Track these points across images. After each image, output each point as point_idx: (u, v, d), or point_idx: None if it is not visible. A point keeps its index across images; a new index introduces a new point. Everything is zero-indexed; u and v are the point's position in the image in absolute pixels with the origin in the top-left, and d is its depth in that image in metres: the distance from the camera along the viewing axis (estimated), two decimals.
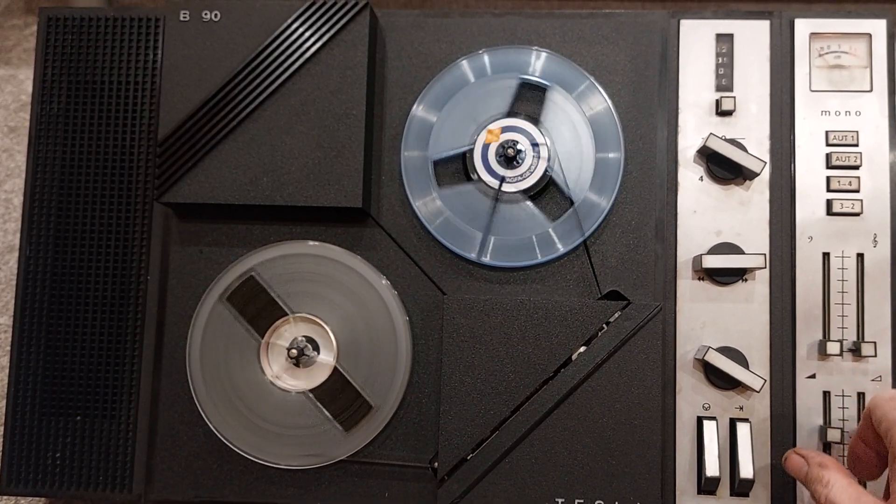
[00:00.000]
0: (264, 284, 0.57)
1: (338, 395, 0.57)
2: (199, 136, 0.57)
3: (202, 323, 0.58)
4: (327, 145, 0.57)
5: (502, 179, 0.57)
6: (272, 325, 0.58)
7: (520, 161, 0.57)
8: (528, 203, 0.58)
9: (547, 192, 0.58)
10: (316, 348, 0.58)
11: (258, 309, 0.57)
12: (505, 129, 0.58)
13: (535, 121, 0.58)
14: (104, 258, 0.60)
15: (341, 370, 0.57)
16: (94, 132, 0.61)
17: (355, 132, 0.57)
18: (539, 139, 0.58)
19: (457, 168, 0.59)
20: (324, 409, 0.57)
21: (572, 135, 0.58)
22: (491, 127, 0.58)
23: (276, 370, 0.58)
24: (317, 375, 0.58)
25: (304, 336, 0.58)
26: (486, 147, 0.58)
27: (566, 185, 0.57)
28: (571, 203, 0.57)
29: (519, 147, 0.57)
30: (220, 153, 0.57)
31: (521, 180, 0.57)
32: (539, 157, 0.57)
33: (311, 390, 0.57)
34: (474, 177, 0.58)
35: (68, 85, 0.61)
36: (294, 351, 0.57)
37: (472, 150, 0.58)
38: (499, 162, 0.57)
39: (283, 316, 0.57)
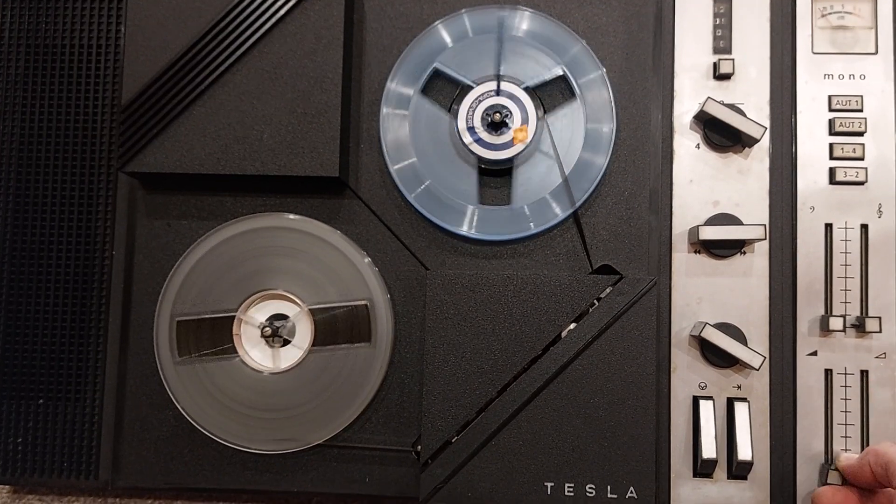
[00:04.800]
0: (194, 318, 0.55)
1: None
2: (165, 102, 0.54)
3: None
4: (302, 111, 0.54)
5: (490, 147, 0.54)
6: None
7: (509, 114, 0.54)
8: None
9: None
10: (292, 327, 0.55)
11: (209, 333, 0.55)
12: (468, 111, 0.55)
13: (469, 86, 0.55)
14: (66, 232, 0.57)
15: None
16: (55, 98, 0.57)
17: (331, 97, 0.54)
18: (490, 86, 0.55)
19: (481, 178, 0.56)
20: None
21: (561, 99, 0.55)
22: (515, 127, 0.54)
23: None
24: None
25: (278, 314, 0.55)
26: (478, 139, 0.55)
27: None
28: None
29: (506, 112, 0.54)
30: (188, 120, 0.54)
31: (507, 147, 0.54)
32: (520, 99, 0.54)
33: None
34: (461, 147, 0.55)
35: (27, 48, 0.58)
36: (268, 329, 0.54)
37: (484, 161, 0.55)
38: (493, 134, 0.54)
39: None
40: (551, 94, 0.56)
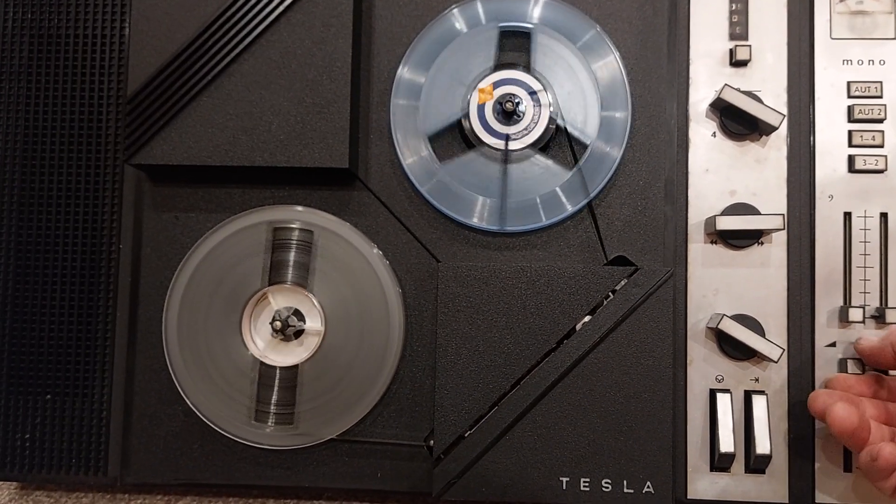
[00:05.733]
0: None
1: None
2: (171, 93, 0.53)
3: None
4: (310, 101, 0.53)
5: (507, 138, 0.53)
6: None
7: (520, 114, 0.53)
8: (539, 157, 0.54)
9: (555, 142, 0.54)
10: (302, 321, 0.54)
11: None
12: (497, 84, 0.54)
13: (528, 68, 0.54)
14: (72, 226, 0.56)
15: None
16: (59, 90, 0.56)
17: (341, 87, 0.53)
18: (535, 86, 0.54)
19: (453, 137, 0.55)
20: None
21: (573, 80, 0.54)
22: (481, 85, 0.54)
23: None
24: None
25: (288, 307, 0.54)
26: (481, 108, 0.54)
27: (575, 127, 0.53)
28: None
29: (517, 100, 0.53)
30: (195, 110, 0.53)
31: (526, 134, 0.53)
32: (540, 105, 0.53)
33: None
34: (476, 142, 0.54)
35: (30, 38, 0.57)
36: (278, 323, 0.53)
37: (467, 115, 0.54)
38: (498, 120, 0.53)
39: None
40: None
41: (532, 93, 0.54)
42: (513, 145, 0.53)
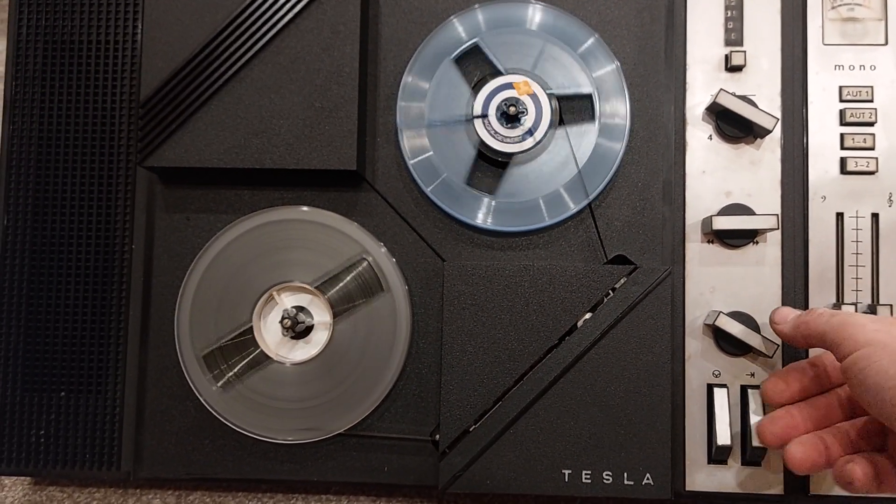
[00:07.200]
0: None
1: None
2: (184, 97, 0.54)
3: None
4: (319, 105, 0.54)
5: (530, 132, 0.55)
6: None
7: (524, 111, 0.55)
8: (563, 129, 0.55)
9: (567, 112, 0.56)
10: (311, 319, 0.56)
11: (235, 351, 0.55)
12: (488, 98, 0.55)
13: (498, 72, 0.56)
14: (86, 227, 0.57)
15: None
16: (73, 94, 0.58)
17: (348, 91, 0.54)
18: (517, 79, 0.55)
19: (479, 165, 0.56)
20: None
21: (532, 56, 0.56)
22: (515, 81, 0.55)
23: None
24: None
25: (298, 306, 0.56)
26: (491, 133, 0.55)
27: (568, 88, 0.55)
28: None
29: (514, 100, 0.54)
30: (206, 114, 0.54)
31: (539, 121, 0.55)
32: (540, 101, 0.55)
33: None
34: (507, 158, 0.56)
35: (45, 44, 0.58)
36: (287, 321, 0.54)
37: (483, 145, 0.55)
38: (510, 127, 0.55)
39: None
40: (573, 107, 0.56)
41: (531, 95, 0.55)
42: (538, 135, 0.55)
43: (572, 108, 0.56)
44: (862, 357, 0.43)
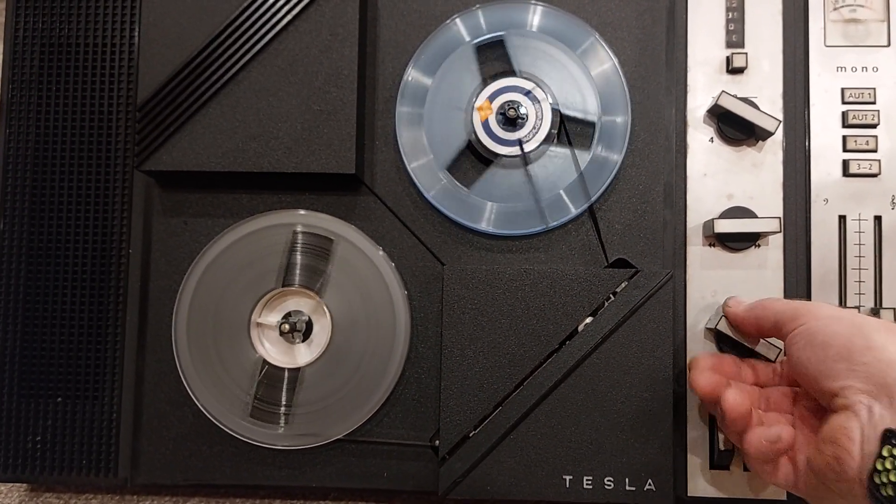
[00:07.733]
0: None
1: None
2: (181, 100, 0.54)
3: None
4: (317, 108, 0.54)
5: (520, 142, 0.54)
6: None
7: (523, 117, 0.54)
8: (555, 148, 0.55)
9: (561, 135, 0.56)
10: (309, 323, 0.55)
11: None
12: (493, 96, 0.55)
13: (513, 72, 0.56)
14: (83, 231, 0.57)
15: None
16: (70, 97, 0.57)
17: (347, 94, 0.54)
18: (527, 86, 0.55)
19: (466, 158, 0.56)
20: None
21: (557, 69, 0.55)
22: (477, 104, 0.55)
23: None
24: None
25: (296, 310, 0.55)
26: (485, 123, 0.55)
27: (576, 110, 0.55)
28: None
29: (516, 104, 0.54)
30: (204, 118, 0.54)
31: (536, 132, 0.55)
32: (539, 101, 0.55)
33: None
34: (492, 157, 0.55)
35: (41, 47, 0.58)
36: (286, 325, 0.54)
37: (475, 135, 0.55)
38: (505, 129, 0.54)
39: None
40: (575, 128, 0.56)
41: (527, 93, 0.55)
42: (528, 146, 0.54)
43: (574, 129, 0.56)
44: (818, 325, 0.43)
